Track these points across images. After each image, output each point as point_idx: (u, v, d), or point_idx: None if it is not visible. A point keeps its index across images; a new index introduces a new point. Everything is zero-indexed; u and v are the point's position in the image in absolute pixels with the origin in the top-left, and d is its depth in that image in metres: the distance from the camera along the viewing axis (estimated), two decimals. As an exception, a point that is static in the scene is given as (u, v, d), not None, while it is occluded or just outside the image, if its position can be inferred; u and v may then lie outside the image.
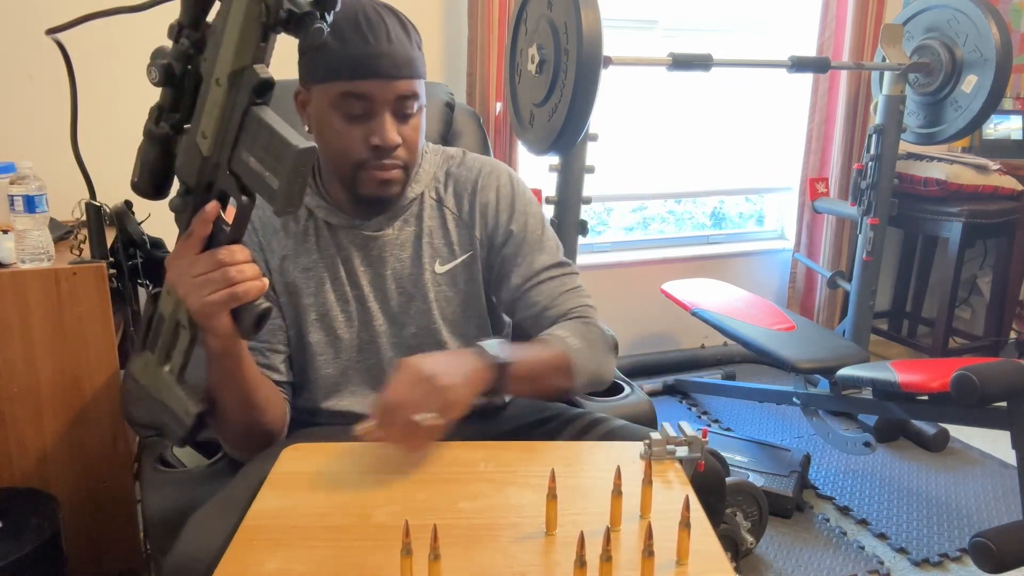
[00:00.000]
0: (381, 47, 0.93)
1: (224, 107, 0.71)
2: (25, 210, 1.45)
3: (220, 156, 0.73)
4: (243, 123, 0.71)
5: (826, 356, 2.03)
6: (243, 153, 0.71)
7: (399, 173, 0.99)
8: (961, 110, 2.40)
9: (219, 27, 0.70)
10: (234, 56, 0.69)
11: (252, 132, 0.70)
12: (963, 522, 1.94)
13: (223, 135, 0.71)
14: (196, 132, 0.73)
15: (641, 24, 2.73)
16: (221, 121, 0.71)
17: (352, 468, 0.84)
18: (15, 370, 1.45)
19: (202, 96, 0.72)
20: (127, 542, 1.58)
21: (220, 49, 0.70)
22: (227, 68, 0.70)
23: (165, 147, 0.76)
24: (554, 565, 0.68)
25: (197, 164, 0.74)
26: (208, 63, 0.71)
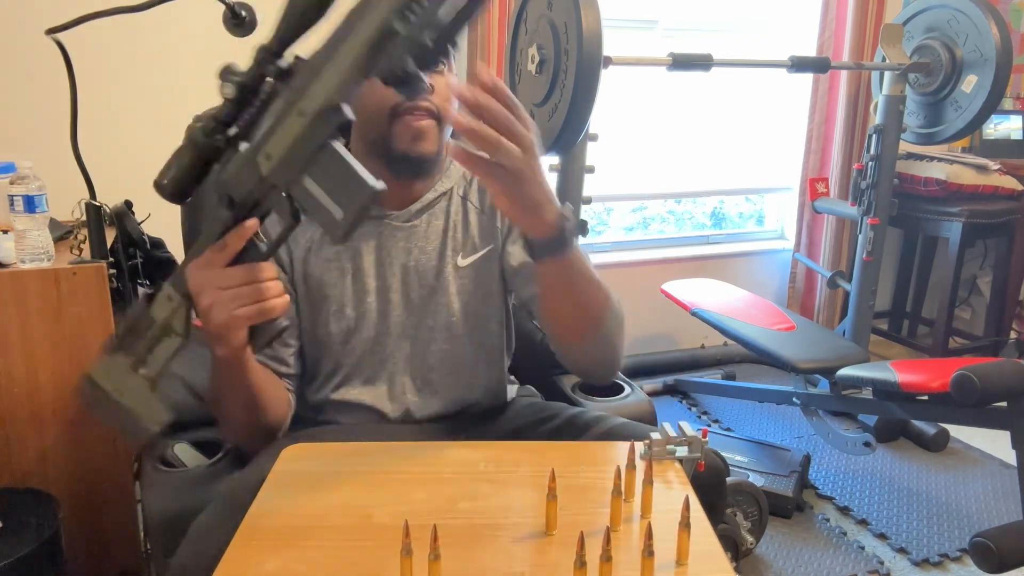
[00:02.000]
0: None
1: (301, 137, 0.72)
2: (25, 210, 1.45)
3: (279, 178, 0.74)
4: (316, 154, 0.72)
5: (826, 356, 2.03)
6: (309, 181, 0.73)
7: (431, 125, 0.99)
8: (961, 110, 2.41)
9: (318, 63, 0.71)
10: (330, 95, 0.71)
11: (325, 164, 0.72)
12: (963, 522, 1.94)
13: (290, 161, 0.73)
14: (259, 152, 0.74)
15: (641, 24, 2.73)
16: (292, 148, 0.72)
17: (352, 468, 0.84)
18: (15, 370, 1.45)
19: (276, 120, 0.73)
20: (127, 542, 1.58)
21: (314, 84, 0.71)
22: (317, 104, 0.71)
23: (208, 157, 0.77)
24: (554, 565, 0.68)
25: (252, 182, 0.75)
26: (293, 92, 0.72)
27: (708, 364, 2.88)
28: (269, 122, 0.73)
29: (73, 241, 1.53)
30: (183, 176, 0.76)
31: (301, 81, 0.72)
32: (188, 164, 0.76)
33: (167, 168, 0.77)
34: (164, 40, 2.03)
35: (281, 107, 0.73)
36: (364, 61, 0.69)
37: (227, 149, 0.76)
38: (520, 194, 0.78)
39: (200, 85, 1.84)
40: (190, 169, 0.76)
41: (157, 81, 2.06)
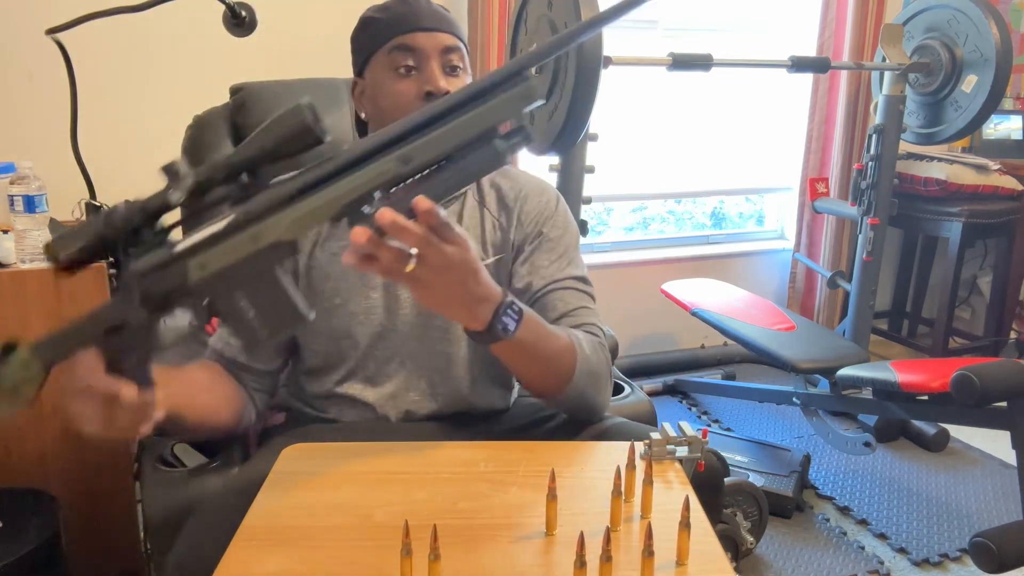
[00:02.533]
0: (421, 5, 1.01)
1: (247, 259, 0.70)
2: (25, 210, 1.45)
3: (207, 289, 0.72)
4: (257, 276, 0.71)
5: (826, 356, 2.03)
6: (239, 296, 0.71)
7: None
8: (961, 110, 2.41)
9: (284, 195, 0.69)
10: (292, 230, 0.70)
11: (262, 286, 0.71)
12: (963, 522, 1.94)
13: (227, 277, 0.71)
14: (191, 257, 0.71)
15: (641, 24, 2.73)
16: (234, 267, 0.70)
17: (352, 468, 0.84)
18: (15, 370, 1.44)
19: (223, 235, 0.70)
20: (127, 542, 1.58)
21: (276, 215, 0.69)
22: (275, 236, 0.69)
23: (118, 243, 0.72)
24: (554, 565, 0.68)
25: (174, 284, 0.71)
26: (248, 215, 0.70)
27: (708, 364, 2.88)
28: (211, 232, 0.70)
29: (73, 241, 1.52)
30: (85, 253, 0.71)
31: (260, 206, 0.69)
32: (94, 244, 0.71)
33: (71, 237, 0.71)
34: (164, 40, 2.03)
35: (230, 225, 0.70)
36: (335, 213, 0.69)
37: (145, 240, 0.72)
38: (436, 301, 0.78)
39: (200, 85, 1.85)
40: (94, 249, 0.71)
41: (157, 81, 2.06)
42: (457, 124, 0.68)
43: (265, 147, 0.68)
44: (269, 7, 1.60)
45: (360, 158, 0.68)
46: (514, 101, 0.67)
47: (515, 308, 0.84)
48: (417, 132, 0.68)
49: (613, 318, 1.10)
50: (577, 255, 1.11)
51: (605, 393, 1.01)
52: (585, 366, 0.96)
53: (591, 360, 0.97)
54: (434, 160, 0.68)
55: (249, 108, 1.47)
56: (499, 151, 0.68)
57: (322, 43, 2.13)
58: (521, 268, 1.08)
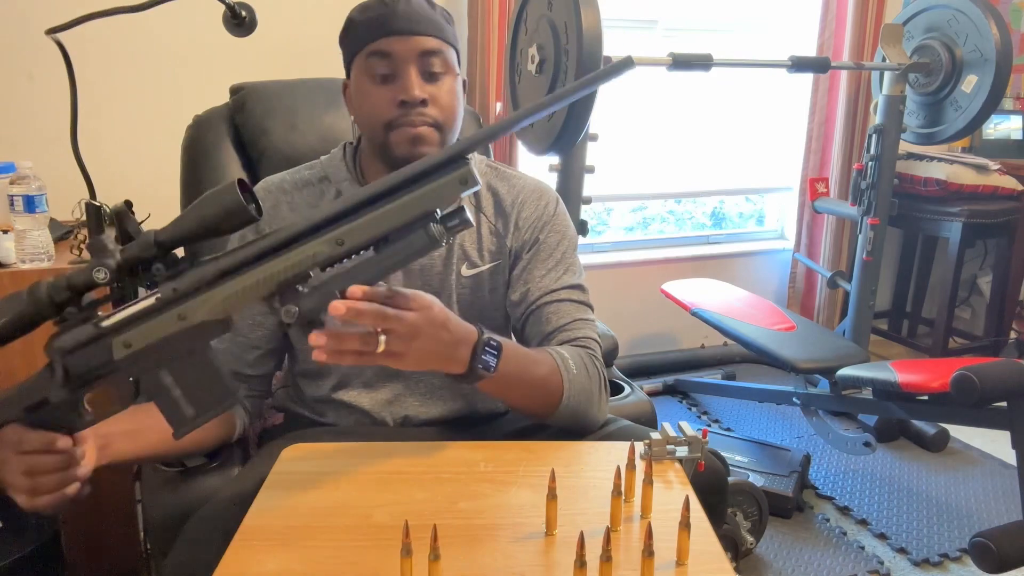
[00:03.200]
0: (398, 7, 0.97)
1: (174, 338, 0.69)
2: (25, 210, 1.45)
3: (132, 368, 0.71)
4: (184, 356, 0.70)
5: (826, 356, 2.03)
6: (165, 375, 0.71)
7: (430, 131, 0.98)
8: (961, 110, 2.41)
9: (211, 274, 0.69)
10: (221, 308, 0.69)
11: (190, 365, 0.71)
12: (963, 522, 1.94)
13: (152, 355, 0.70)
14: (116, 335, 0.69)
15: (641, 24, 2.73)
16: (160, 345, 0.70)
17: (352, 468, 0.84)
18: (15, 371, 1.44)
19: (148, 313, 0.69)
20: (127, 542, 1.58)
21: (204, 294, 0.69)
22: (204, 314, 0.69)
23: (44, 318, 0.71)
24: (554, 565, 0.68)
25: (98, 361, 0.70)
26: (175, 293, 0.69)
27: (708, 364, 2.88)
28: (137, 309, 0.69)
29: (73, 241, 1.53)
30: (10, 328, 0.70)
31: (189, 284, 0.69)
32: (19, 318, 0.70)
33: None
34: (164, 40, 2.03)
35: (158, 302, 0.69)
36: (269, 291, 0.69)
37: (69, 316, 0.71)
38: (416, 364, 0.78)
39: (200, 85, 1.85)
40: (19, 323, 0.70)
41: (157, 81, 2.06)
42: (391, 208, 0.68)
43: (196, 225, 0.68)
44: (269, 7, 1.59)
45: (294, 237, 0.68)
46: (450, 186, 0.68)
47: (492, 344, 0.84)
48: (353, 213, 0.68)
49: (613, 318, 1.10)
50: (575, 260, 1.10)
51: (598, 406, 1.00)
52: (574, 385, 0.95)
53: (579, 378, 0.96)
54: (368, 243, 0.69)
55: (249, 108, 1.47)
56: (434, 236, 0.69)
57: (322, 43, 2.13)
58: (518, 279, 1.07)
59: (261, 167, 1.45)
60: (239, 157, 1.47)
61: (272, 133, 1.45)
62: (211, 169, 1.44)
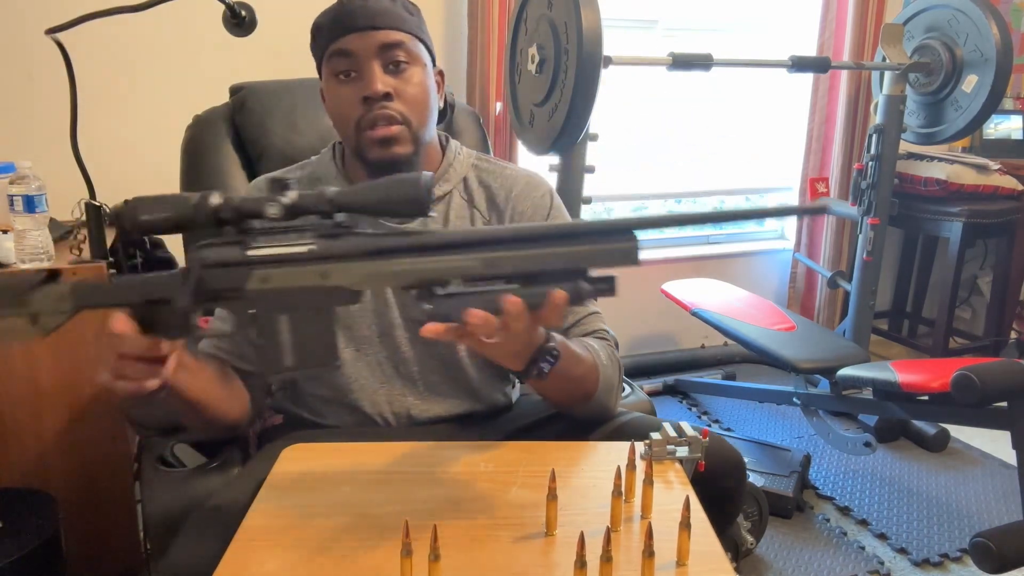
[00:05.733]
0: (355, 4, 0.97)
1: (309, 291, 0.72)
2: (25, 210, 1.45)
3: (258, 301, 0.73)
4: (309, 310, 0.73)
5: (826, 356, 2.03)
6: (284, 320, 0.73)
7: (399, 129, 0.97)
8: (961, 110, 2.41)
9: (369, 247, 0.72)
10: (363, 282, 0.72)
11: (310, 319, 0.73)
12: (963, 522, 1.94)
13: (282, 299, 0.72)
14: (259, 267, 0.71)
15: (641, 24, 2.73)
16: (293, 293, 0.72)
17: (352, 468, 0.84)
18: (15, 370, 1.45)
19: (295, 259, 0.72)
20: (127, 542, 1.58)
21: (355, 265, 0.71)
22: (345, 280, 0.72)
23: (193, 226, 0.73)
24: (554, 565, 0.68)
25: (230, 285, 0.72)
26: (326, 251, 0.71)
27: (708, 364, 2.88)
28: (286, 252, 0.71)
29: (73, 241, 1.53)
30: (167, 225, 0.72)
31: (343, 249, 0.71)
32: (180, 219, 0.72)
33: (155, 203, 0.72)
34: (164, 40, 2.03)
35: (309, 253, 0.71)
36: (410, 284, 0.71)
37: (222, 235, 0.73)
38: (494, 355, 0.79)
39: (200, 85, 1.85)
40: (177, 223, 0.72)
41: (157, 81, 2.06)
42: (552, 252, 0.70)
43: (374, 201, 0.72)
44: (269, 7, 1.59)
45: (451, 244, 0.71)
46: (614, 255, 0.70)
47: (554, 353, 0.85)
48: (514, 243, 0.71)
49: (613, 318, 1.10)
50: None
51: (617, 396, 1.02)
52: (604, 380, 0.97)
53: (608, 371, 0.98)
54: (514, 275, 0.71)
55: (249, 108, 1.47)
56: (581, 292, 0.71)
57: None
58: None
59: (261, 167, 1.45)
60: (239, 157, 1.47)
61: (272, 133, 1.45)
62: (211, 169, 1.44)
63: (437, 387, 1.07)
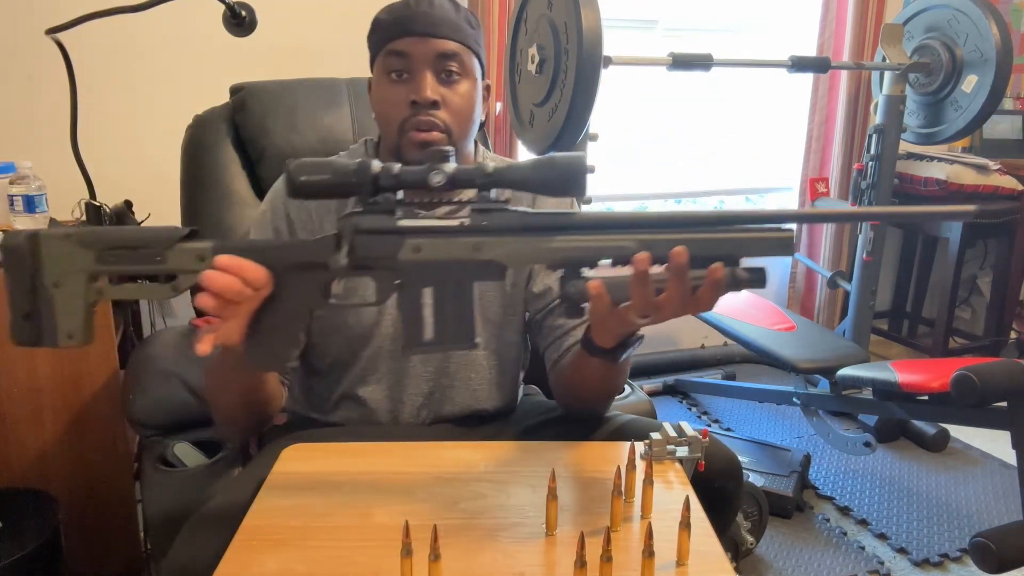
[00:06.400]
0: (420, 8, 0.98)
1: (459, 264, 0.73)
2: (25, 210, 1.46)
3: (407, 272, 0.73)
4: (456, 284, 0.74)
5: (826, 356, 2.03)
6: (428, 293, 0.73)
7: (440, 137, 0.98)
8: (961, 110, 2.40)
9: (522, 224, 0.73)
10: (514, 258, 0.73)
11: (454, 294, 0.74)
12: (963, 522, 1.94)
13: (432, 271, 0.73)
14: (411, 236, 0.72)
15: (641, 24, 2.73)
16: (444, 265, 0.73)
17: (352, 468, 0.84)
18: (15, 370, 1.45)
19: (449, 232, 0.73)
20: (127, 542, 1.58)
21: (507, 240, 0.72)
22: (496, 255, 0.73)
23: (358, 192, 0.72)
24: (554, 565, 0.68)
25: (380, 252, 0.72)
26: (481, 224, 0.72)
27: (708, 364, 2.88)
28: (440, 224, 0.72)
29: (73, 241, 1.52)
30: (325, 188, 0.71)
31: (497, 224, 0.71)
32: (339, 184, 0.71)
33: (315, 167, 0.71)
34: (164, 40, 2.03)
35: (461, 227, 0.72)
36: (561, 263, 0.72)
37: (377, 202, 0.72)
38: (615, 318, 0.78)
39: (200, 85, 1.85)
40: (336, 188, 0.71)
41: (157, 81, 2.06)
42: (708, 239, 0.70)
43: (533, 178, 0.71)
44: (269, 7, 1.60)
45: (603, 225, 0.71)
46: (771, 244, 0.70)
47: (639, 339, 0.86)
48: (669, 227, 0.71)
49: (613, 318, 1.10)
50: None
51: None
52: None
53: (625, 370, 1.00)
54: (704, 258, 0.70)
55: (249, 108, 1.47)
56: (737, 279, 0.71)
57: (322, 43, 2.13)
58: (539, 271, 1.07)
59: (261, 167, 1.45)
60: (239, 157, 1.47)
61: (272, 133, 1.45)
62: (211, 169, 1.44)
63: (449, 391, 1.07)
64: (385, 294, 0.73)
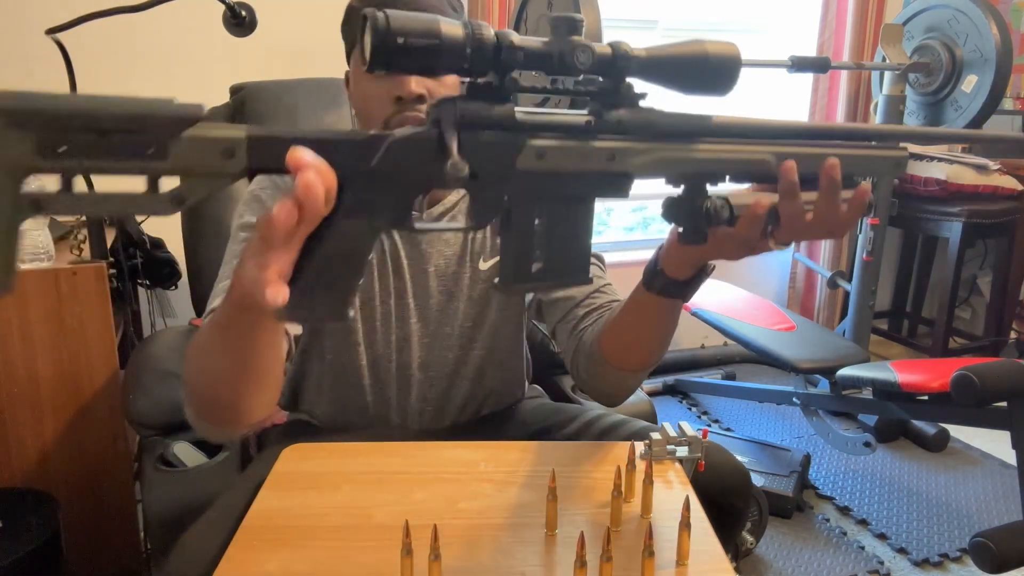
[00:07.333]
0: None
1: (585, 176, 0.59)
2: (25, 210, 1.45)
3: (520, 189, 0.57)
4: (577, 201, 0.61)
5: (826, 356, 2.03)
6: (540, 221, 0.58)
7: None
8: (961, 110, 2.41)
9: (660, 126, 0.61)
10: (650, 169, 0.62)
11: (572, 218, 0.60)
12: (963, 522, 1.94)
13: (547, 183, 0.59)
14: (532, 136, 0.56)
15: (641, 24, 2.73)
16: (565, 177, 0.59)
17: (352, 468, 0.84)
18: (15, 370, 1.45)
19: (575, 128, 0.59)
20: (127, 542, 1.58)
21: (650, 147, 0.61)
22: (632, 167, 0.60)
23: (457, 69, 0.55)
24: (554, 565, 0.68)
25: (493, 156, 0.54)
26: (620, 125, 0.59)
27: (708, 364, 2.88)
28: (565, 122, 0.56)
29: (73, 241, 1.53)
30: (430, 58, 0.52)
31: (634, 125, 0.59)
32: (441, 55, 0.52)
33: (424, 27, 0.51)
34: (164, 40, 2.03)
35: (588, 126, 0.57)
36: (690, 175, 0.63)
37: (488, 84, 0.54)
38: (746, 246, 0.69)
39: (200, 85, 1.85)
40: (438, 61, 0.52)
41: (157, 81, 2.06)
42: (838, 152, 0.63)
43: (687, 68, 0.59)
44: (269, 7, 1.59)
45: (739, 130, 0.62)
46: (888, 165, 0.66)
47: (713, 268, 0.81)
48: (800, 137, 0.64)
49: (613, 318, 1.10)
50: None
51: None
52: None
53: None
54: (810, 176, 0.63)
55: (249, 108, 1.47)
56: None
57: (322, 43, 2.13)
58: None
59: (261, 167, 1.45)
60: (239, 157, 1.46)
61: (272, 133, 1.45)
62: (211, 169, 1.44)
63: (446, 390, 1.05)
64: (485, 216, 0.56)
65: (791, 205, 0.63)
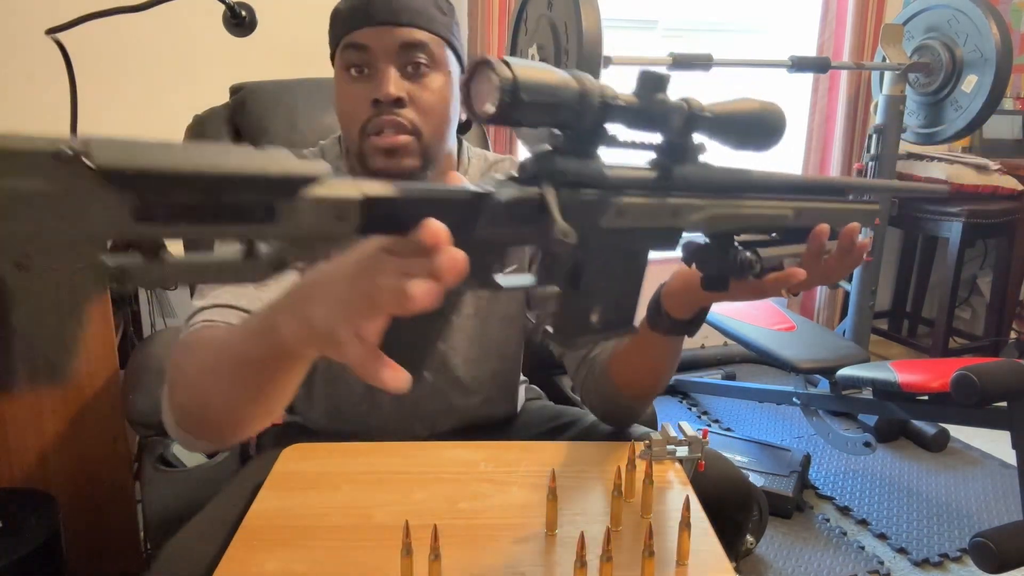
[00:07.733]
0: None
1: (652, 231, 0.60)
2: (25, 210, 1.45)
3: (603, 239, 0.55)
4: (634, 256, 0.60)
5: (826, 356, 2.03)
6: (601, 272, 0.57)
7: (408, 140, 0.86)
8: (961, 110, 2.41)
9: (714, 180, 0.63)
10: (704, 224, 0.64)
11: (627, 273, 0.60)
12: (963, 522, 1.94)
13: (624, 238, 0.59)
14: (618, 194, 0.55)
15: (641, 24, 2.73)
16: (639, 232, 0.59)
17: (352, 468, 0.84)
18: (15, 370, 1.44)
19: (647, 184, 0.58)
20: (127, 542, 1.58)
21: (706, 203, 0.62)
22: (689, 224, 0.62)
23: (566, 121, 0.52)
24: (554, 565, 0.68)
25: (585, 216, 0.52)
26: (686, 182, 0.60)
27: (708, 364, 2.88)
28: (640, 178, 0.55)
29: (73, 241, 1.52)
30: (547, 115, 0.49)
31: (696, 181, 0.58)
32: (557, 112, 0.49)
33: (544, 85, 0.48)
34: (164, 40, 2.03)
35: (656, 181, 0.56)
36: (727, 229, 0.63)
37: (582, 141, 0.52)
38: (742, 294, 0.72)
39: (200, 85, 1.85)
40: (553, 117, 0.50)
41: (157, 81, 2.06)
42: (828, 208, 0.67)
43: (744, 124, 0.59)
44: (269, 7, 1.59)
45: (770, 185, 0.64)
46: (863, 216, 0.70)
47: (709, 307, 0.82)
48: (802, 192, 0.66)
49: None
50: None
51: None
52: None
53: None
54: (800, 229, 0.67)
55: (249, 108, 1.47)
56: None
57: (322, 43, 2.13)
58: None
59: (261, 167, 1.45)
60: (239, 157, 1.46)
61: (272, 133, 1.45)
62: (211, 169, 1.44)
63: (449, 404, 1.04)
64: (556, 272, 0.53)
65: (815, 261, 0.69)
